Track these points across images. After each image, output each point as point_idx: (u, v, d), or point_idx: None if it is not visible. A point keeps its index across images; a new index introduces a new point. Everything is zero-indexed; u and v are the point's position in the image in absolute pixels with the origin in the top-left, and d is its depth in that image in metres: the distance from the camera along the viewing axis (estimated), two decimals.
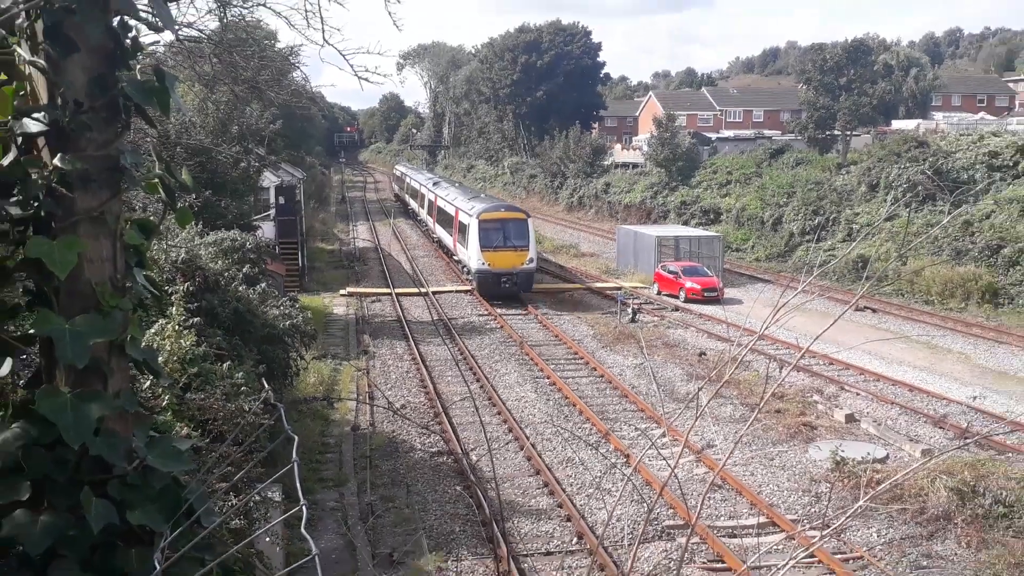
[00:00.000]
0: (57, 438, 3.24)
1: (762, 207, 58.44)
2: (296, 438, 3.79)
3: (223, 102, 33.85)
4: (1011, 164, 47.63)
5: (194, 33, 20.81)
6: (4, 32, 3.15)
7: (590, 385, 28.37)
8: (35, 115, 3.24)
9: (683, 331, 36.58)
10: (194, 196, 25.72)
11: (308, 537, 3.23)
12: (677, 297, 42.51)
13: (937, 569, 16.56)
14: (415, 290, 44.94)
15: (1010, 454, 21.52)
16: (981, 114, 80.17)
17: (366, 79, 20.13)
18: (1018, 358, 32.51)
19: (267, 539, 12.94)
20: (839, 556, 16.76)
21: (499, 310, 39.67)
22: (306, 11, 20.75)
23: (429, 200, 62.40)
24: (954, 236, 43.87)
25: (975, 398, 26.55)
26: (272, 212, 42.61)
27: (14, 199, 3.32)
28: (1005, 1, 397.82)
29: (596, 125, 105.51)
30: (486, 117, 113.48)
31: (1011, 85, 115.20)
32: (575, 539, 17.74)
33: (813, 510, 18.60)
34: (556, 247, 61.80)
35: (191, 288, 16.55)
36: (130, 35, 3.44)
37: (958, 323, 38.18)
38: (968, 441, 21.13)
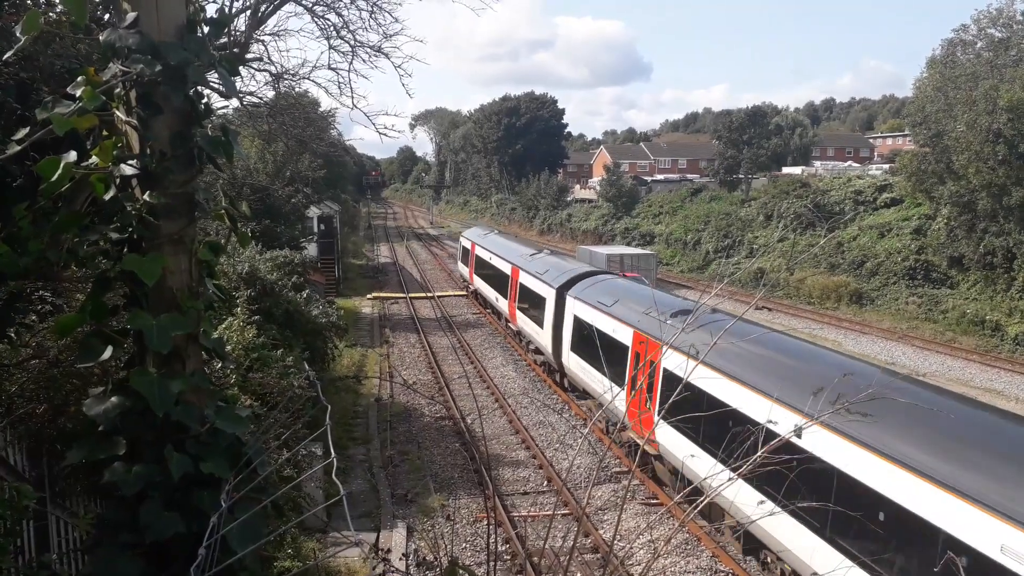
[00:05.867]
0: (147, 407, 3.23)
1: (685, 232, 58.66)
2: (329, 407, 3.76)
3: (278, 153, 33.73)
4: (872, 200, 48.03)
5: (255, 100, 20.79)
6: (106, 98, 3.14)
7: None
8: (130, 162, 3.24)
9: None
10: (254, 223, 25.61)
11: (338, 482, 3.22)
12: None
13: None
14: (424, 294, 44.79)
15: None
16: (849, 162, 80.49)
17: (386, 134, 20.19)
18: (877, 345, 32.75)
19: (311, 484, 12.85)
20: None
21: (489, 308, 39.52)
22: (340, 84, 20.82)
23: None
24: (829, 253, 44.17)
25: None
26: (315, 236, 42.41)
27: (114, 225, 3.31)
28: (867, 78, 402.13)
29: (561, 170, 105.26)
30: (478, 164, 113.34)
31: (871, 141, 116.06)
32: (545, 482, 17.71)
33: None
34: None
35: (252, 293, 16.45)
36: (203, 101, 3.44)
37: (832, 319, 38.43)
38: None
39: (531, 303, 27.11)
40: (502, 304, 32.48)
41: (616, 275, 24.95)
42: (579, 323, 21.47)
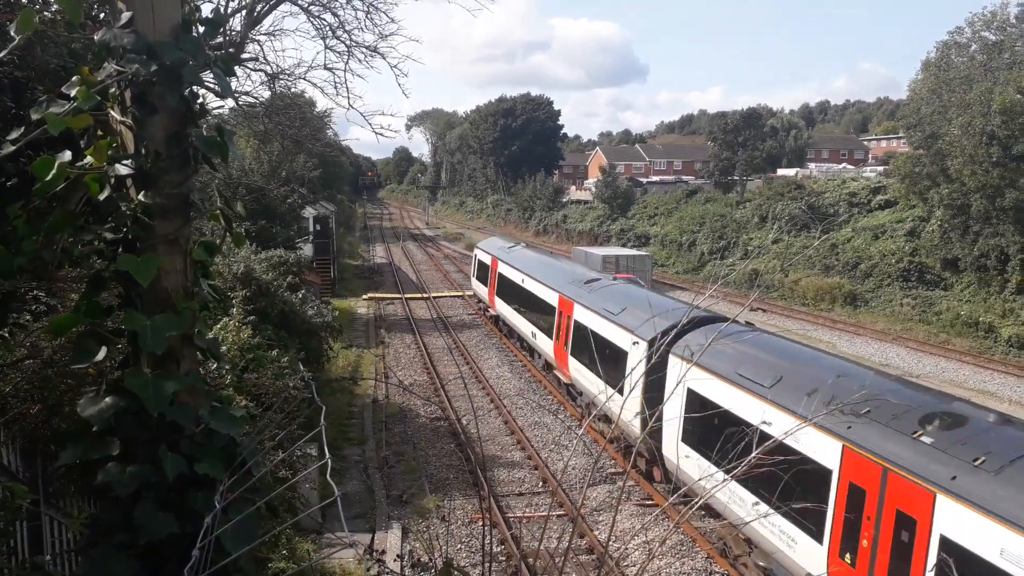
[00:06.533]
0: (141, 407, 3.22)
1: (680, 233, 58.73)
2: (324, 407, 3.76)
3: (274, 153, 33.70)
4: (866, 202, 48.17)
5: (250, 100, 20.78)
6: (100, 98, 3.13)
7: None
8: (125, 162, 3.23)
9: None
10: (249, 223, 25.57)
11: (332, 483, 3.21)
12: None
13: None
14: (420, 295, 44.76)
15: None
16: (844, 164, 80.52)
17: (382, 134, 20.21)
18: (871, 347, 32.83)
19: (306, 485, 12.83)
20: None
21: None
22: (336, 84, 20.79)
23: None
24: (823, 255, 44.27)
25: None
26: (311, 236, 42.33)
27: (108, 225, 3.31)
28: (862, 81, 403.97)
29: (557, 171, 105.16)
30: (474, 165, 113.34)
31: (866, 143, 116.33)
32: (540, 483, 17.70)
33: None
34: None
35: (248, 294, 16.42)
36: (199, 101, 3.43)
37: (827, 320, 38.51)
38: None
39: (597, 352, 19.41)
40: (544, 344, 25.06)
41: (754, 329, 16.06)
42: (704, 405, 13.14)
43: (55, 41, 4.92)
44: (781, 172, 65.56)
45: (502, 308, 31.75)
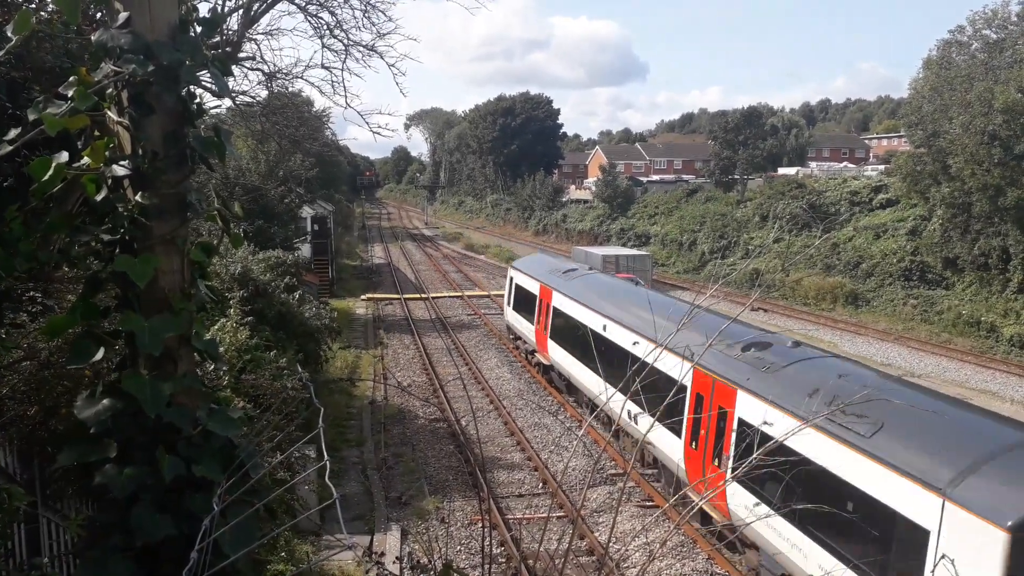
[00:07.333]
0: (138, 409, 3.23)
1: (681, 233, 58.74)
2: (322, 409, 3.77)
3: (271, 152, 33.68)
4: (867, 200, 48.19)
5: (248, 99, 20.78)
6: (98, 99, 3.14)
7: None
8: (122, 162, 3.24)
9: None
10: (246, 224, 25.56)
11: (331, 485, 3.22)
12: None
13: None
14: (418, 295, 44.75)
15: None
16: (845, 163, 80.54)
17: (380, 134, 20.23)
18: (873, 347, 32.85)
19: (305, 486, 12.82)
20: None
21: (483, 310, 39.47)
22: (333, 83, 20.83)
23: None
24: (825, 254, 44.30)
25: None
26: (309, 236, 42.29)
27: (106, 226, 3.31)
28: (862, 80, 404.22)
29: (556, 171, 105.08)
30: (473, 164, 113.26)
31: (867, 142, 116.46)
32: (540, 484, 17.71)
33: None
34: None
35: (245, 295, 16.40)
36: (196, 101, 3.44)
37: (828, 320, 38.53)
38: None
39: (826, 504, 9.82)
40: (664, 444, 15.40)
41: None
42: None
43: (52, 41, 4.92)
44: (782, 171, 65.54)
45: (562, 359, 22.83)
